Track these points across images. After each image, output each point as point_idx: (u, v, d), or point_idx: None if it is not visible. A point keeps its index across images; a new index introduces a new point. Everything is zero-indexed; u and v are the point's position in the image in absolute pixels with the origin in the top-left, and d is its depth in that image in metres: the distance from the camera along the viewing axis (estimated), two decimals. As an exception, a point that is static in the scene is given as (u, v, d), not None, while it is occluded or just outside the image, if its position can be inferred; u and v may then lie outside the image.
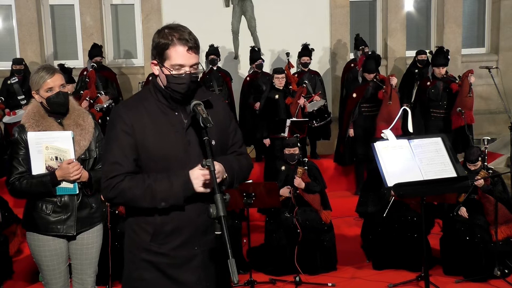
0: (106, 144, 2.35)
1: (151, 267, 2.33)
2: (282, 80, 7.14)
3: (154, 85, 2.34)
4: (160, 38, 2.25)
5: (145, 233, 2.31)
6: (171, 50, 2.23)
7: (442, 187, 3.47)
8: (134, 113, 2.27)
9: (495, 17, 9.66)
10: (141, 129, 2.25)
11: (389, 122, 6.65)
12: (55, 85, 3.09)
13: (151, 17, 8.92)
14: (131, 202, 2.26)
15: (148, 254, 2.32)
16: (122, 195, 2.23)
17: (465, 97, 6.87)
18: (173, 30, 2.25)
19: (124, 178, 2.23)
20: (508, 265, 4.84)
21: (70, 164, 3.04)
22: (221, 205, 2.03)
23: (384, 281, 4.86)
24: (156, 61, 2.28)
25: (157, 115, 2.29)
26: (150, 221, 2.30)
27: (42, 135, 3.06)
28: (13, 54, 8.74)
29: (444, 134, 3.69)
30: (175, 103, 2.31)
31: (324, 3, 9.18)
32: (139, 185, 2.21)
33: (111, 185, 2.23)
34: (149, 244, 2.31)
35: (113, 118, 2.31)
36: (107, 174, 2.25)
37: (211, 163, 2.10)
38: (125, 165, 2.24)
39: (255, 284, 4.74)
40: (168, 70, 2.25)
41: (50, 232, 3.15)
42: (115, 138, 2.27)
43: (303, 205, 5.23)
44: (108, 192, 2.25)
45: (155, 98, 2.31)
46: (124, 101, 2.38)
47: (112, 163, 2.25)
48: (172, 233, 2.30)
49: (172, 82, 2.26)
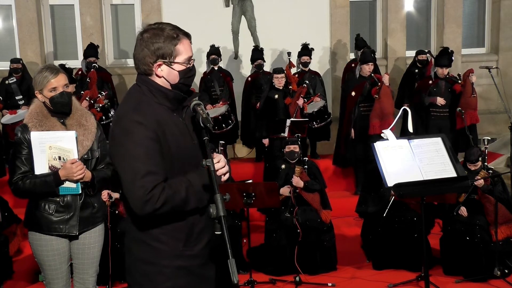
0: (127, 154, 2.16)
1: (186, 273, 2.28)
2: (281, 80, 7.14)
3: (153, 88, 2.26)
4: (163, 37, 2.21)
5: (176, 241, 2.26)
6: (181, 45, 2.24)
7: (442, 187, 3.48)
8: (151, 118, 2.18)
9: (495, 17, 9.66)
10: (161, 133, 2.19)
11: (382, 118, 6.68)
12: (59, 85, 3.09)
13: (151, 17, 8.90)
14: (178, 207, 2.18)
15: (181, 261, 2.27)
16: (170, 202, 2.14)
17: (469, 98, 6.88)
18: (166, 27, 2.24)
19: (164, 186, 2.14)
20: (508, 265, 4.84)
21: (73, 163, 3.04)
22: (221, 205, 2.03)
23: (384, 281, 4.86)
24: (162, 61, 2.23)
25: (165, 117, 2.24)
26: (181, 226, 2.25)
27: (45, 135, 3.07)
28: (13, 54, 8.73)
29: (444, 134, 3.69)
30: (176, 103, 2.30)
31: (324, 3, 9.17)
32: (180, 189, 2.16)
33: (155, 196, 2.11)
34: (181, 251, 2.27)
35: (128, 125, 2.17)
36: (147, 186, 2.11)
37: (211, 163, 2.11)
38: (160, 173, 2.15)
39: (255, 284, 4.74)
40: (182, 65, 2.25)
41: (53, 232, 3.16)
42: (139, 145, 2.14)
43: (303, 205, 5.23)
44: (154, 204, 2.11)
45: (156, 101, 2.25)
46: (132, 107, 2.23)
47: (147, 174, 2.12)
48: (201, 232, 2.30)
49: (186, 76, 2.27)
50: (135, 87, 2.32)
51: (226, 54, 8.86)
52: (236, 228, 5.21)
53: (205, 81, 7.90)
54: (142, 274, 2.30)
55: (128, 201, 2.19)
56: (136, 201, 2.13)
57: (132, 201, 2.16)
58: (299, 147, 5.53)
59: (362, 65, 6.99)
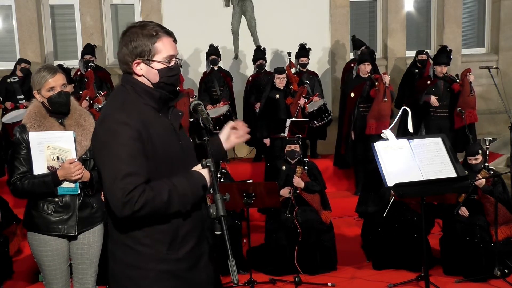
0: (110, 154, 2.09)
1: (170, 277, 2.22)
2: (283, 80, 7.14)
3: (138, 87, 2.21)
4: (141, 35, 2.16)
5: (160, 244, 2.20)
6: (160, 43, 2.18)
7: (442, 187, 3.48)
8: (136, 118, 2.13)
9: (495, 17, 9.66)
10: (146, 134, 2.13)
11: (379, 120, 6.69)
12: (56, 85, 3.09)
13: (151, 17, 8.90)
14: (159, 210, 2.10)
15: (166, 264, 2.21)
16: (150, 205, 2.06)
17: (468, 97, 6.90)
18: (148, 25, 2.20)
19: (144, 188, 2.07)
20: (508, 265, 4.84)
21: (72, 164, 3.04)
22: (221, 205, 2.02)
23: (384, 281, 4.86)
24: (140, 60, 2.18)
25: (150, 118, 2.17)
26: (165, 229, 2.19)
27: (44, 135, 3.06)
28: (13, 54, 8.74)
29: (444, 134, 3.69)
30: (162, 103, 2.25)
31: (324, 3, 9.18)
32: (163, 192, 2.09)
33: (134, 198, 2.04)
34: (165, 254, 2.20)
35: (112, 126, 2.11)
36: (126, 188, 2.03)
37: (211, 163, 2.10)
38: (141, 175, 2.08)
39: (255, 284, 4.74)
40: (162, 63, 2.20)
41: (52, 232, 3.15)
42: (123, 146, 2.08)
43: (303, 205, 5.23)
44: (132, 207, 2.04)
45: (142, 101, 2.20)
46: (116, 107, 2.17)
47: (127, 175, 2.05)
48: (186, 236, 2.24)
49: (166, 75, 2.21)
50: (120, 87, 2.26)
51: (226, 54, 8.86)
52: (236, 228, 5.21)
53: (205, 81, 7.90)
54: (126, 278, 2.24)
55: (109, 203, 2.12)
56: (115, 202, 2.06)
57: (111, 202, 2.09)
58: (299, 147, 5.53)
59: (359, 65, 6.99)
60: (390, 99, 6.75)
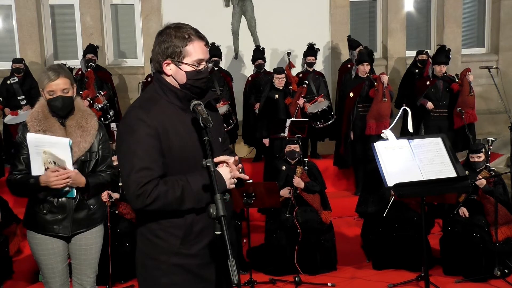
0: (127, 149, 2.21)
1: (182, 271, 2.28)
2: (282, 80, 7.14)
3: (165, 86, 2.31)
4: (174, 37, 2.24)
5: (173, 238, 2.26)
6: (191, 46, 2.26)
7: (442, 187, 3.47)
8: (155, 116, 2.21)
9: (495, 17, 9.66)
10: (164, 131, 2.21)
11: (378, 120, 6.69)
12: (56, 89, 3.07)
13: (151, 17, 8.91)
14: (171, 205, 2.18)
15: (178, 258, 2.27)
16: (162, 199, 2.15)
17: (467, 96, 6.90)
18: (183, 27, 2.27)
19: (158, 182, 2.15)
20: (508, 265, 4.84)
21: (54, 172, 2.99)
22: (221, 205, 2.02)
23: (384, 281, 4.86)
24: (170, 60, 2.26)
25: (173, 116, 2.26)
26: (179, 224, 2.25)
27: (41, 138, 3.04)
28: (13, 54, 8.73)
29: (444, 134, 3.69)
30: (187, 102, 2.30)
31: (324, 3, 9.18)
32: (176, 187, 2.16)
33: (147, 191, 2.13)
34: (178, 248, 2.27)
35: (131, 122, 2.22)
36: (139, 181, 2.14)
37: (211, 163, 2.11)
38: (155, 170, 2.17)
39: (255, 284, 4.74)
40: (191, 66, 2.27)
41: (47, 232, 3.16)
42: (139, 142, 2.18)
43: (303, 205, 5.23)
44: (144, 200, 2.14)
45: (167, 100, 2.29)
46: (138, 104, 2.30)
47: (142, 169, 2.15)
48: (201, 232, 2.28)
49: (193, 78, 2.28)
50: (151, 84, 2.38)
51: (226, 54, 8.86)
52: (236, 228, 5.20)
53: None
54: (142, 266, 2.36)
55: None
56: (129, 195, 2.18)
57: (127, 195, 2.22)
58: (299, 147, 5.53)
59: (358, 66, 6.99)
60: (389, 99, 6.75)
